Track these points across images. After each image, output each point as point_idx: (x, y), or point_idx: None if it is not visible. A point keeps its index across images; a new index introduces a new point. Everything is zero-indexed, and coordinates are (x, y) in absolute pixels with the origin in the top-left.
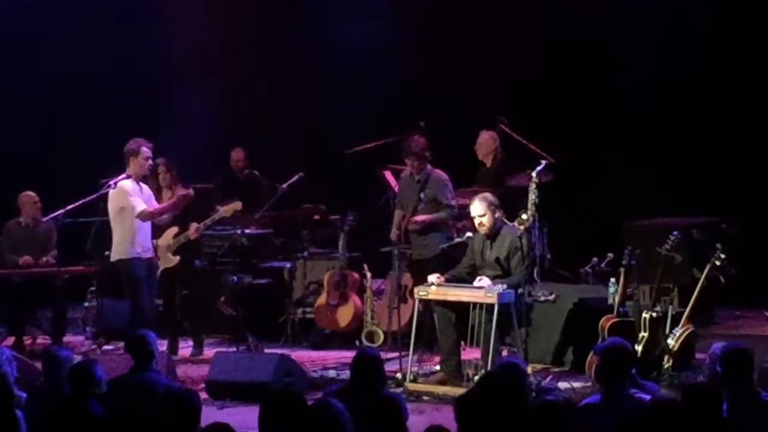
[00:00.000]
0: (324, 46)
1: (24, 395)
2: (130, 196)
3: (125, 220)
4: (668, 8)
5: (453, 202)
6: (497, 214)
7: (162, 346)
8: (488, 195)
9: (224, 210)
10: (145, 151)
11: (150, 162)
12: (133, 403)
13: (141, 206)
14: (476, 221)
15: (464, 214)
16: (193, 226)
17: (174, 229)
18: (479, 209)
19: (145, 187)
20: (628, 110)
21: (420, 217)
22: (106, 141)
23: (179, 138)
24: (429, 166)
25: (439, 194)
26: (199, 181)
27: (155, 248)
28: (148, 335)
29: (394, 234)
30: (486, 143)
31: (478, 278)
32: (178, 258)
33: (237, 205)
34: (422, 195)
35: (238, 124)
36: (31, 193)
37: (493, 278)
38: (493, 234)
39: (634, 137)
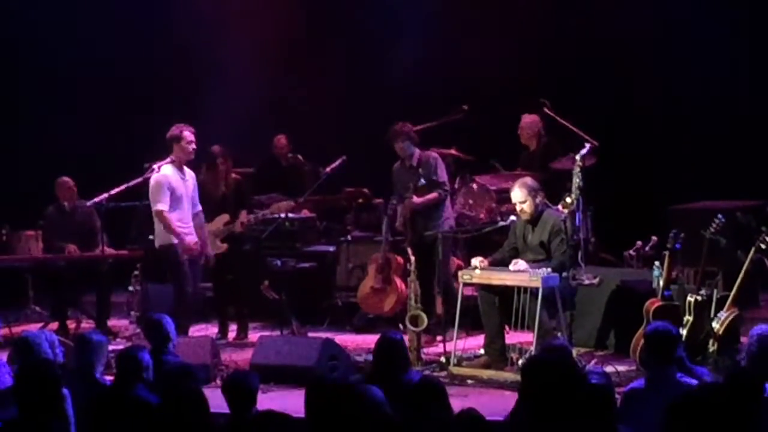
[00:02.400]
0: (367, 28)
1: None
2: (158, 192)
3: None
4: None
5: (444, 180)
6: (538, 199)
7: (206, 330)
8: (528, 180)
9: (276, 207)
10: (187, 135)
11: (193, 146)
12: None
13: (161, 206)
14: (517, 207)
15: (508, 197)
16: (243, 215)
17: (225, 217)
18: (519, 196)
19: (189, 172)
20: (673, 92)
21: (417, 200)
22: (148, 125)
23: (221, 122)
24: (418, 150)
25: (432, 173)
26: (241, 165)
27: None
28: (164, 319)
29: (399, 223)
30: (528, 127)
31: (513, 262)
32: (225, 246)
33: (289, 205)
34: (421, 178)
35: (281, 108)
36: (67, 179)
37: (535, 261)
38: (535, 218)
39: (678, 119)
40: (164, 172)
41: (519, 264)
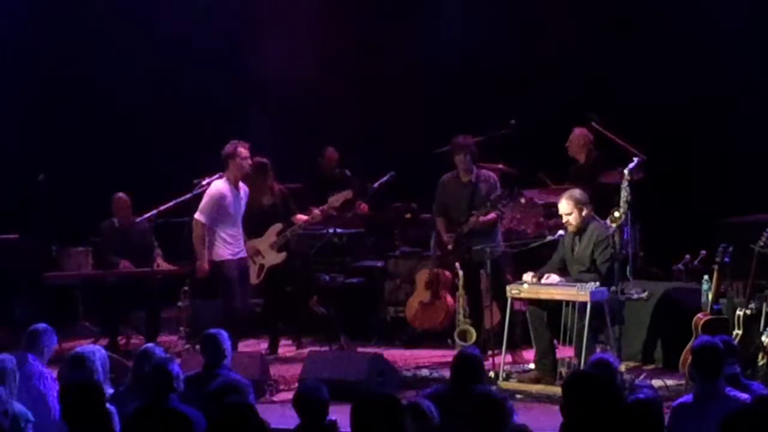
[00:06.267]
0: (415, 45)
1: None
2: (207, 203)
3: (215, 222)
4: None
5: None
6: (585, 212)
7: (256, 345)
8: (575, 192)
9: (335, 198)
10: (242, 151)
11: (248, 161)
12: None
13: (200, 217)
14: (564, 219)
15: (555, 212)
16: (313, 210)
17: (278, 226)
18: (566, 208)
19: (243, 188)
20: (722, 105)
21: (486, 217)
22: (198, 141)
23: (268, 137)
24: (475, 167)
25: (492, 192)
26: (287, 180)
27: (257, 248)
28: (221, 334)
29: (449, 239)
30: (577, 140)
31: (545, 276)
32: (284, 254)
33: (347, 194)
34: (477, 195)
35: (329, 122)
36: (123, 195)
37: (581, 273)
38: (582, 230)
39: (727, 132)
40: (220, 187)
41: (551, 278)
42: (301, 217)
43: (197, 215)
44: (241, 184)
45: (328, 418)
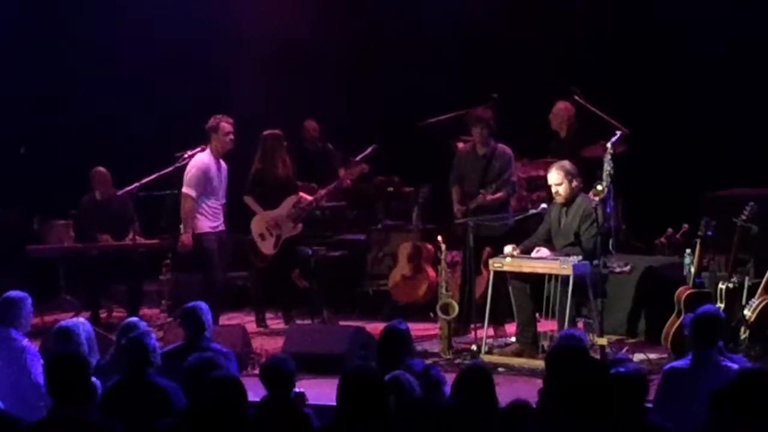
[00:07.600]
0: (396, 18)
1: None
2: (193, 177)
3: (200, 195)
4: None
5: (514, 180)
6: (574, 183)
7: (239, 319)
8: (566, 163)
9: (347, 173)
10: (225, 126)
11: (231, 136)
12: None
13: (189, 191)
14: (553, 190)
15: (539, 185)
16: (319, 192)
17: (293, 198)
18: (556, 178)
19: (223, 164)
20: (705, 79)
21: (494, 195)
22: (181, 113)
23: (250, 110)
24: (493, 141)
25: (505, 169)
26: None
27: (274, 220)
28: (200, 307)
29: (459, 211)
30: (560, 113)
31: (535, 250)
32: (300, 226)
33: (362, 168)
34: (489, 170)
35: (311, 95)
36: (102, 169)
37: (566, 246)
38: (569, 202)
39: (709, 106)
40: (204, 159)
41: (541, 251)
42: (306, 197)
43: (186, 189)
44: (221, 160)
45: (295, 389)
